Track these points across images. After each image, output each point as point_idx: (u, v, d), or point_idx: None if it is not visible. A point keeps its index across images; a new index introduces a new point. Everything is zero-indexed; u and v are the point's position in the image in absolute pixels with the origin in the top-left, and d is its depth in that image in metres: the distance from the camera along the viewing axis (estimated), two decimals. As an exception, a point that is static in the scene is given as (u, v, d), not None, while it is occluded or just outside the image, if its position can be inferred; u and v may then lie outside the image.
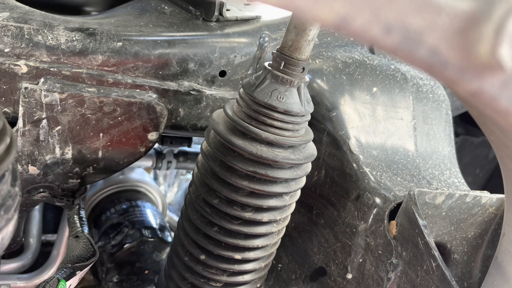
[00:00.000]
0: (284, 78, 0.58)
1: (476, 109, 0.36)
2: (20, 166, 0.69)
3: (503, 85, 0.27)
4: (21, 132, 0.66)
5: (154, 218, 1.03)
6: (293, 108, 0.59)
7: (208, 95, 0.75)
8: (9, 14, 0.64)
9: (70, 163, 0.71)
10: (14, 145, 0.41)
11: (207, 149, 0.65)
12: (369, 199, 0.69)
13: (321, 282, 0.78)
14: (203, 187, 0.66)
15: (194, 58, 0.73)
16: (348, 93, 0.77)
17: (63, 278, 0.65)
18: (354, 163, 0.72)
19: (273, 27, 0.79)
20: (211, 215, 0.65)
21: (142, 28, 0.72)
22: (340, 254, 0.74)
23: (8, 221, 0.42)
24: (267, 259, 0.72)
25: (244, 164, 0.60)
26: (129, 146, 0.74)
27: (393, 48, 0.27)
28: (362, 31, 0.26)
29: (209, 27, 0.75)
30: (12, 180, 0.43)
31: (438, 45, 0.26)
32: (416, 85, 0.83)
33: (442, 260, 0.58)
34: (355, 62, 0.81)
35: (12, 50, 0.63)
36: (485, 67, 0.26)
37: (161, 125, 0.73)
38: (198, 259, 0.68)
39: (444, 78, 0.28)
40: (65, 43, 0.65)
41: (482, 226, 0.68)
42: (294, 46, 0.58)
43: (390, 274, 0.65)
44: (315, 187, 0.79)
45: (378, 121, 0.77)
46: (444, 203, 0.65)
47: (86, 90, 0.67)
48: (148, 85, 0.71)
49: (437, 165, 0.79)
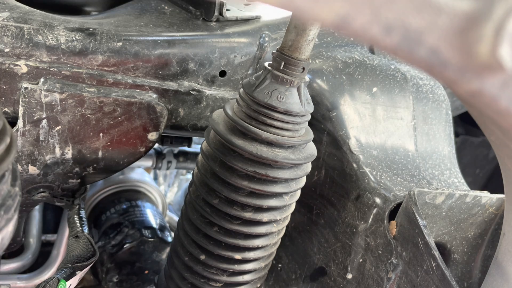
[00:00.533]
0: (284, 78, 0.58)
1: (476, 109, 0.36)
2: (20, 166, 0.69)
3: (503, 85, 0.27)
4: (21, 132, 0.66)
5: (154, 218, 1.03)
6: (293, 108, 0.59)
7: (208, 95, 0.75)
8: (9, 14, 0.64)
9: (70, 163, 0.72)
10: (14, 145, 0.41)
11: (207, 149, 0.65)
12: (369, 199, 0.69)
13: (321, 282, 0.78)
14: (203, 187, 0.66)
15: (194, 58, 0.73)
16: (348, 93, 0.77)
17: (63, 278, 0.65)
18: (354, 163, 0.72)
19: (273, 27, 0.79)
20: (211, 215, 0.65)
21: (142, 28, 0.72)
22: (340, 254, 0.74)
23: (8, 221, 0.42)
24: (267, 259, 0.72)
25: (244, 164, 0.60)
26: (129, 146, 0.74)
27: (393, 48, 0.27)
28: (362, 31, 0.26)
29: (209, 27, 0.75)
30: (12, 180, 0.43)
31: (438, 45, 0.26)
32: (416, 85, 0.83)
33: (442, 260, 0.58)
34: (355, 62, 0.81)
35: (12, 50, 0.63)
36: (485, 67, 0.26)
37: (161, 125, 0.73)
38: (198, 259, 0.68)
39: (444, 78, 0.28)
40: (65, 43, 0.65)
41: (482, 226, 0.68)
42: (294, 46, 0.58)
43: (390, 274, 0.65)
44: (315, 187, 0.79)
45: (378, 121, 0.77)
46: (444, 203, 0.65)
47: (86, 90, 0.67)
48: (148, 85, 0.71)
49: (437, 165, 0.79)
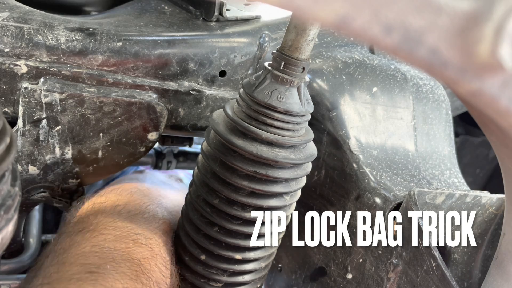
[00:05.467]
0: (284, 78, 0.58)
1: (476, 109, 0.36)
2: (20, 166, 0.69)
3: (503, 85, 0.27)
4: (21, 132, 0.66)
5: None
6: (293, 108, 0.59)
7: (208, 95, 0.75)
8: (9, 14, 0.64)
9: (70, 163, 0.71)
10: (14, 145, 0.41)
11: (207, 149, 0.65)
12: (369, 199, 0.69)
13: (321, 282, 0.78)
14: (203, 187, 0.66)
15: (194, 58, 0.73)
16: (348, 93, 0.77)
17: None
18: (354, 163, 0.72)
19: (273, 27, 0.79)
20: (212, 215, 0.65)
21: (142, 28, 0.72)
22: (340, 254, 0.74)
23: (8, 221, 0.42)
24: (268, 259, 0.72)
25: (244, 164, 0.60)
26: (129, 146, 0.74)
27: (393, 48, 0.27)
28: (362, 31, 0.26)
29: (209, 27, 0.75)
30: (12, 180, 0.43)
31: (438, 45, 0.27)
32: (416, 85, 0.83)
33: (442, 260, 0.59)
34: (355, 62, 0.81)
35: (12, 50, 0.63)
36: (485, 67, 0.26)
37: (161, 125, 0.73)
38: (198, 259, 0.68)
39: (444, 78, 0.28)
40: (65, 43, 0.65)
41: (482, 226, 0.68)
42: (294, 46, 0.58)
43: (390, 274, 0.65)
44: (315, 187, 0.79)
45: (378, 121, 0.77)
46: (444, 203, 0.65)
47: (86, 90, 0.67)
48: (148, 85, 0.71)
49: (437, 165, 0.79)
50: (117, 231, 0.62)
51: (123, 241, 0.60)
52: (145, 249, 0.61)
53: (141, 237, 0.63)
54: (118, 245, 0.59)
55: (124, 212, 0.67)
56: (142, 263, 0.59)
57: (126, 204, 0.68)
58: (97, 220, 0.64)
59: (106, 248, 0.58)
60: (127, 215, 0.66)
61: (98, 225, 0.63)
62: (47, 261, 0.58)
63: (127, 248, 0.60)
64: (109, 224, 0.63)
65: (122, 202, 0.69)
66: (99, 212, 0.66)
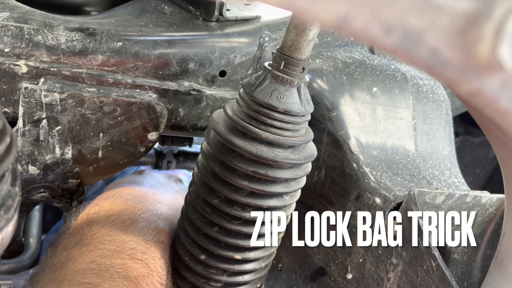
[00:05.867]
0: (284, 78, 0.58)
1: (476, 109, 0.36)
2: (20, 166, 0.69)
3: (503, 85, 0.27)
4: (21, 132, 0.66)
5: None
6: (293, 108, 0.59)
7: (208, 95, 0.75)
8: (9, 14, 0.64)
9: (70, 163, 0.72)
10: (14, 145, 0.41)
11: (207, 149, 0.65)
12: (369, 199, 0.69)
13: (321, 282, 0.78)
14: (203, 187, 0.66)
15: (194, 58, 0.73)
16: (348, 93, 0.77)
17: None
18: (354, 163, 0.72)
19: (273, 27, 0.79)
20: (211, 215, 0.65)
21: (142, 28, 0.72)
22: (340, 254, 0.74)
23: (8, 221, 0.42)
24: (267, 259, 0.72)
25: (244, 164, 0.60)
26: (129, 146, 0.74)
27: (393, 48, 0.27)
28: (362, 31, 0.26)
29: (209, 27, 0.75)
30: (12, 180, 0.43)
31: (438, 45, 0.27)
32: (416, 85, 0.83)
33: (442, 260, 0.59)
34: (355, 62, 0.81)
35: (12, 50, 0.63)
36: (485, 67, 0.26)
37: (161, 125, 0.73)
38: (198, 259, 0.68)
39: (444, 78, 0.28)
40: (65, 43, 0.65)
41: (482, 226, 0.68)
42: (294, 46, 0.58)
43: (390, 274, 0.65)
44: (315, 187, 0.79)
45: (378, 121, 0.77)
46: (444, 203, 0.65)
47: (86, 90, 0.67)
48: (148, 85, 0.71)
49: (437, 165, 0.79)
50: (112, 245, 0.62)
51: (119, 257, 0.60)
52: (141, 265, 0.61)
53: (137, 251, 0.63)
54: (114, 260, 0.59)
55: (118, 222, 0.66)
56: (139, 281, 0.59)
57: (120, 214, 0.68)
58: (91, 232, 0.64)
59: (103, 265, 0.58)
60: (121, 226, 0.66)
61: (94, 238, 0.63)
62: (45, 277, 0.58)
63: (124, 265, 0.60)
64: (104, 237, 0.63)
65: (115, 212, 0.69)
66: (93, 222, 0.66)
